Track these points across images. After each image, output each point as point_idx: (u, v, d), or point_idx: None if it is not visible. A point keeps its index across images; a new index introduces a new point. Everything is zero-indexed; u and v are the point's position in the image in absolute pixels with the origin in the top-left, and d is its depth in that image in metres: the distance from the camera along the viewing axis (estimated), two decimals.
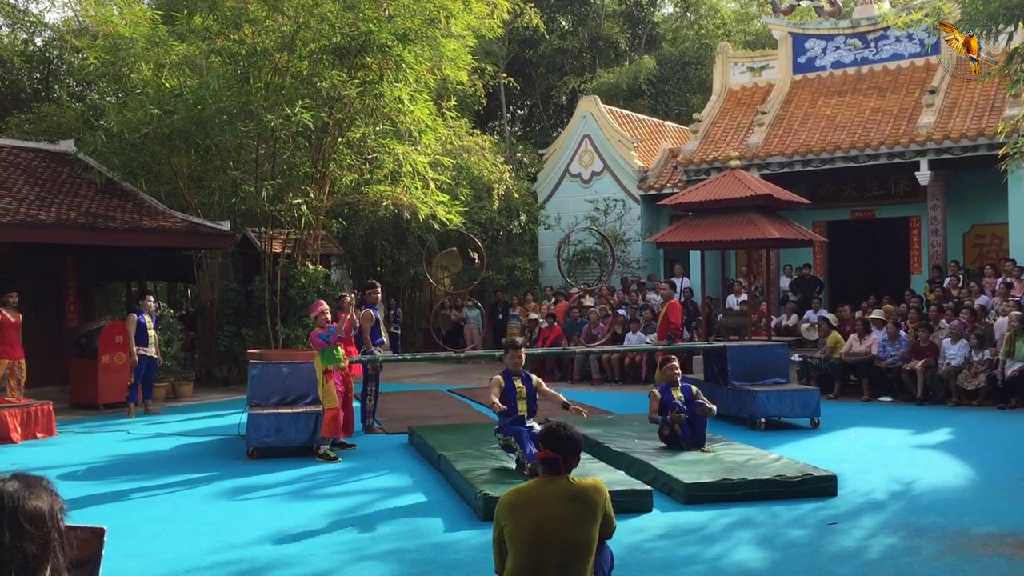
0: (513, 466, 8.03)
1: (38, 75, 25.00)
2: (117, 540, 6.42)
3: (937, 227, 17.43)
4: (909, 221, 18.94)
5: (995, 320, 13.65)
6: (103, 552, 2.10)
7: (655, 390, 9.22)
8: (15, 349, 12.56)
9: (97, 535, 2.08)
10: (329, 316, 10.22)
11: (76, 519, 2.16)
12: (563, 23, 32.07)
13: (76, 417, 13.07)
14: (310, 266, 16.22)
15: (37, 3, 26.47)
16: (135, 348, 13.24)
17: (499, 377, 8.15)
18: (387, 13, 14.88)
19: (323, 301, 10.78)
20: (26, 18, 23.68)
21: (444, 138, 18.07)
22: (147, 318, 13.50)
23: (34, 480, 1.90)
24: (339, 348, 10.10)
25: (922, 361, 13.21)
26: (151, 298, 14.14)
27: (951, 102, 17.82)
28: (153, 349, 13.47)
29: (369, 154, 15.76)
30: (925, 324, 13.82)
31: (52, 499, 1.88)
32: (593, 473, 7.68)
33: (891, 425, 11.29)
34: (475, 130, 23.68)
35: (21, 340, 12.66)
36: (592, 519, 3.85)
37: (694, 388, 9.26)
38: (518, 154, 26.69)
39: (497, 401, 7.92)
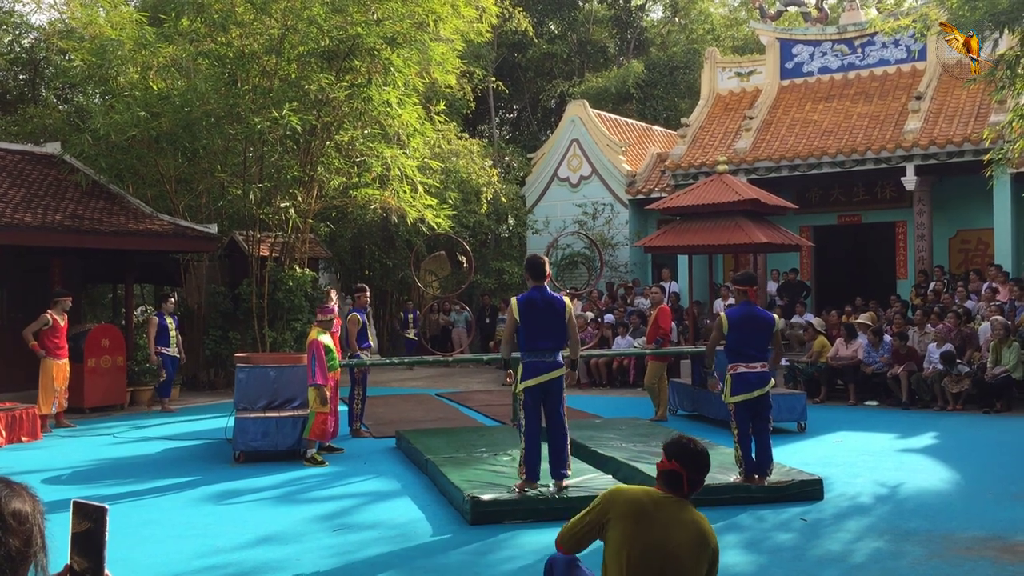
0: (501, 469, 8.00)
1: (24, 77, 24.86)
2: None
3: (923, 232, 17.53)
4: (895, 226, 19.05)
5: (980, 324, 13.72)
6: (107, 531, 2.23)
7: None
8: (63, 352, 12.55)
9: (100, 512, 2.20)
10: (335, 322, 10.40)
11: (61, 523, 2.15)
12: (552, 27, 32.12)
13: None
14: (297, 269, 16.19)
15: (23, 4, 26.27)
16: (157, 348, 13.90)
17: None
18: (375, 17, 14.87)
19: (334, 309, 10.57)
20: (11, 20, 23.55)
21: (432, 142, 18.06)
22: (168, 319, 14.20)
23: (16, 484, 2.00)
24: (334, 352, 10.06)
25: (903, 366, 13.26)
26: (172, 300, 14.72)
27: (937, 108, 17.93)
28: (175, 349, 14.19)
29: (357, 157, 15.74)
30: (902, 332, 13.82)
31: (33, 502, 1.99)
32: (580, 474, 7.70)
33: (877, 429, 11.35)
34: (463, 134, 23.69)
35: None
36: (706, 561, 3.49)
37: None
38: (506, 158, 26.69)
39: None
